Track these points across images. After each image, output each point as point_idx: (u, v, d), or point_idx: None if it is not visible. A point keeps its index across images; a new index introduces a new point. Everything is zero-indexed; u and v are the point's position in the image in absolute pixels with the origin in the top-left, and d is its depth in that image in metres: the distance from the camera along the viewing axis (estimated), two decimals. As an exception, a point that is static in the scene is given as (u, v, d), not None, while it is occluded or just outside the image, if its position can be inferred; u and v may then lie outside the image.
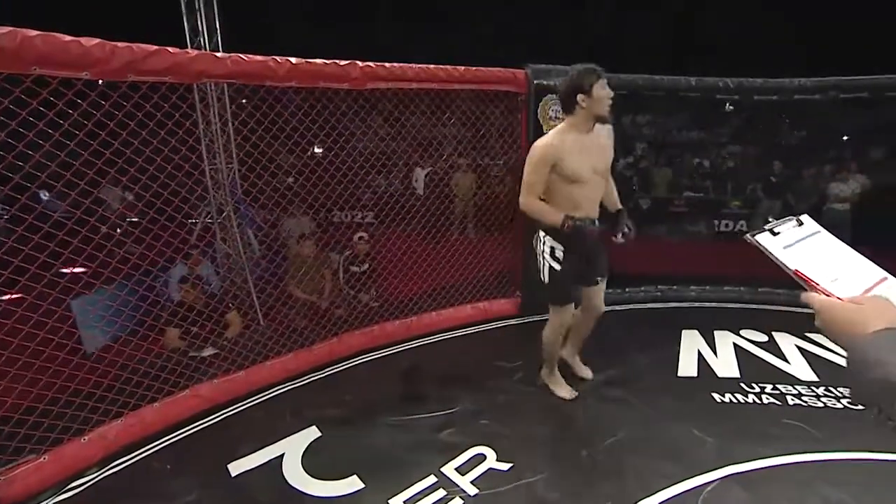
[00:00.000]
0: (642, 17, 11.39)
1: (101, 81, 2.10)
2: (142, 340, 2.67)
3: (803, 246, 0.83)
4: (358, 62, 2.67)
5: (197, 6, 4.30)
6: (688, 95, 3.77)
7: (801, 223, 0.86)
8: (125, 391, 2.38)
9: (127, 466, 2.22)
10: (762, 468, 2.12)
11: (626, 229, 2.47)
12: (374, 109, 3.49)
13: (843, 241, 0.83)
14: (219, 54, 2.24)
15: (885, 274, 0.78)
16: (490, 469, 2.15)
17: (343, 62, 2.61)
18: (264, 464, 2.21)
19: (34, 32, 1.72)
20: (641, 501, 1.93)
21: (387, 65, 2.77)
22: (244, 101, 4.27)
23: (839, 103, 3.82)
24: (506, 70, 3.25)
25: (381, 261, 4.31)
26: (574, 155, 2.27)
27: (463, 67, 3.07)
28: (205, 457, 2.26)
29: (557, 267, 2.42)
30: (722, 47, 10.29)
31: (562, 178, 2.30)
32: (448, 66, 3.04)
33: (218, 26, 4.38)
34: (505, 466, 2.16)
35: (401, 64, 2.83)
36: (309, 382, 2.90)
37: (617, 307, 4.00)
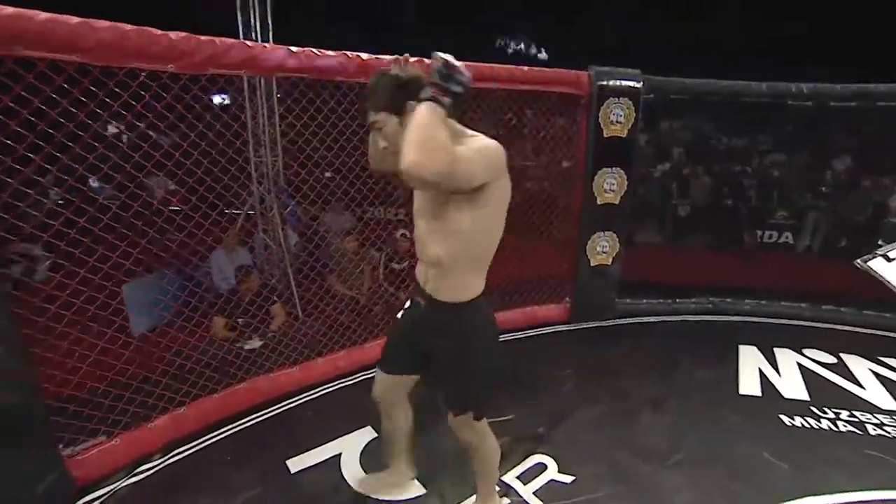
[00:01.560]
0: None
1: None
2: (190, 328, 2.68)
3: None
4: (425, 60, 2.62)
5: (251, 2, 4.36)
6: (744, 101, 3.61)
7: None
8: (187, 380, 2.40)
9: (189, 455, 2.24)
10: (849, 503, 2.00)
11: None
12: None
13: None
14: (294, 49, 2.22)
15: None
16: (552, 480, 2.10)
17: (412, 59, 2.57)
18: (322, 462, 2.21)
19: (129, 27, 1.74)
20: (716, 526, 1.85)
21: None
22: (279, 95, 4.32)
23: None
24: (569, 71, 3.17)
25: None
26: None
27: (526, 67, 3.01)
28: (263, 451, 2.27)
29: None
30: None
31: (493, 214, 1.44)
32: (510, 66, 2.97)
33: (270, 23, 4.43)
34: (567, 479, 2.10)
35: (464, 62, 2.77)
36: (361, 381, 2.88)
37: (667, 318, 3.89)
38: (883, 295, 3.42)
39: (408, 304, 1.67)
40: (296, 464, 2.18)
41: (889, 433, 2.46)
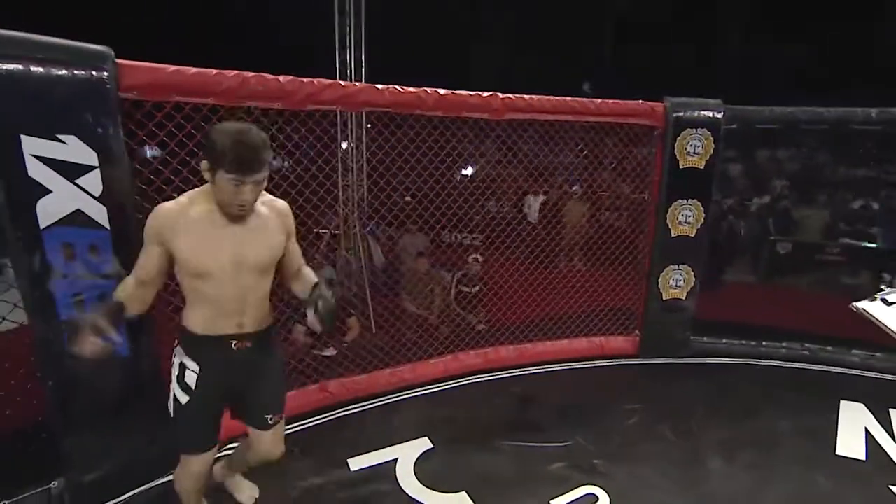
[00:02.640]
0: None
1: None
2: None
3: None
4: (499, 94, 2.81)
5: (348, 43, 4.91)
6: (859, 128, 3.32)
7: None
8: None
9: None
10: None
11: (318, 303, 1.54)
12: (488, 136, 3.54)
13: None
14: (379, 86, 2.52)
15: None
16: (602, 513, 2.06)
17: (485, 94, 2.77)
18: (380, 464, 2.35)
19: (251, 74, 2.12)
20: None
21: (525, 97, 2.88)
22: (369, 125, 4.75)
23: None
24: (644, 103, 3.17)
25: (492, 284, 4.37)
26: (200, 237, 1.45)
27: (600, 100, 3.07)
28: (328, 448, 2.47)
29: (184, 398, 1.57)
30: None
31: (184, 268, 1.48)
32: (584, 99, 3.05)
33: (364, 61, 4.95)
34: (618, 514, 2.05)
35: (539, 96, 2.91)
36: (423, 395, 3.03)
37: (750, 360, 3.60)
38: None
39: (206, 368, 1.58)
40: (356, 462, 2.35)
41: None
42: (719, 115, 3.19)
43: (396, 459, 2.38)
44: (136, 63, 1.89)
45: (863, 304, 0.72)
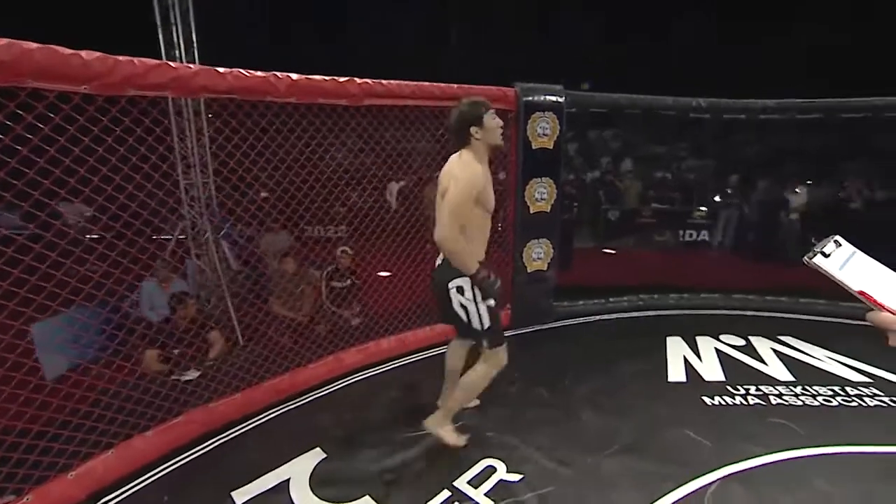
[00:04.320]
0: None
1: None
2: (114, 365, 2.46)
3: (852, 266, 0.86)
4: (356, 79, 2.68)
5: (172, 19, 4.22)
6: (660, 112, 3.98)
7: (839, 244, 0.88)
8: (116, 420, 2.24)
9: (120, 501, 2.09)
10: (758, 466, 2.24)
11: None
12: (347, 125, 3.36)
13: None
14: (221, 69, 2.19)
15: None
16: (501, 481, 2.17)
17: (342, 79, 2.62)
18: (270, 489, 2.14)
19: (33, 45, 1.65)
20: (652, 505, 2.00)
21: (384, 82, 2.80)
22: (210, 115, 4.18)
23: (795, 123, 4.14)
24: (497, 88, 3.34)
25: (363, 276, 4.26)
26: (487, 185, 2.13)
27: (456, 85, 3.13)
28: (206, 486, 2.16)
29: (493, 304, 2.14)
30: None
31: (481, 211, 2.11)
32: (442, 84, 3.09)
33: (195, 40, 4.30)
34: (516, 478, 2.18)
35: (398, 81, 2.86)
36: (306, 403, 2.83)
37: (603, 317, 4.14)
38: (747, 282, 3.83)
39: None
40: (242, 495, 2.10)
41: (787, 402, 2.79)
42: (562, 100, 3.52)
43: (289, 479, 2.19)
44: None
45: (811, 258, 0.82)
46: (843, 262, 0.86)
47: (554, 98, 3.50)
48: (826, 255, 0.86)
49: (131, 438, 2.27)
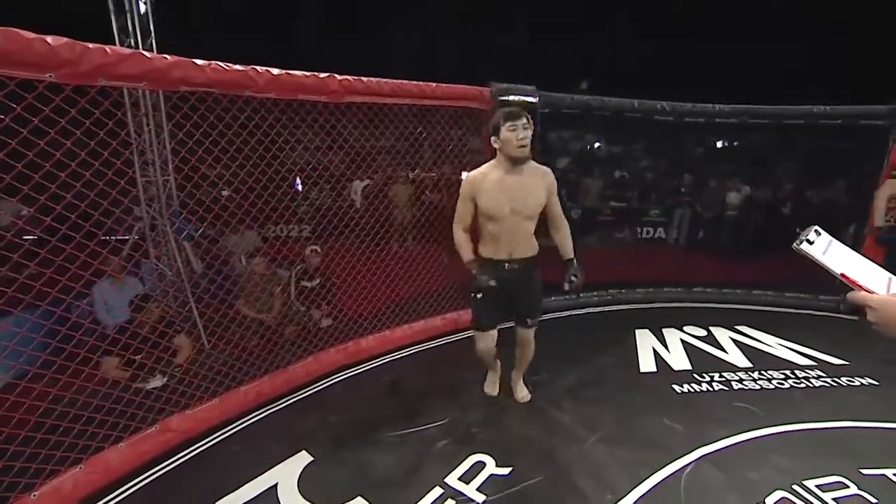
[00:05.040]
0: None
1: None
2: (63, 374, 2.24)
3: (832, 252, 0.97)
4: (336, 76, 2.63)
5: (127, 6, 3.98)
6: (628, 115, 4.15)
7: (819, 233, 0.99)
8: (85, 433, 2.11)
9: (93, 520, 1.97)
10: (726, 447, 2.39)
11: (572, 278, 2.39)
12: (306, 121, 3.23)
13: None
14: (198, 62, 2.09)
15: (887, 272, 0.95)
16: (492, 475, 2.21)
17: (322, 75, 2.57)
18: (257, 496, 2.08)
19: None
20: (635, 489, 2.10)
21: (364, 79, 2.77)
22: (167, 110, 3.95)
23: (746, 127, 4.42)
24: (473, 87, 3.37)
25: (333, 275, 4.16)
26: (491, 192, 2.27)
27: (434, 84, 3.14)
28: (189, 496, 2.07)
29: (479, 295, 2.43)
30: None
31: (482, 214, 2.33)
32: (420, 83, 3.09)
33: (152, 28, 4.08)
34: (505, 471, 2.23)
35: (377, 79, 2.83)
36: (288, 405, 2.77)
37: (575, 311, 4.28)
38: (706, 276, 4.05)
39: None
40: (228, 503, 2.03)
41: (747, 386, 3.00)
42: (535, 100, 3.60)
43: (276, 484, 2.14)
44: None
45: (799, 245, 0.89)
46: (824, 248, 0.96)
47: (528, 98, 3.58)
48: (811, 243, 0.96)
49: (102, 451, 2.13)
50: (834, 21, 10.25)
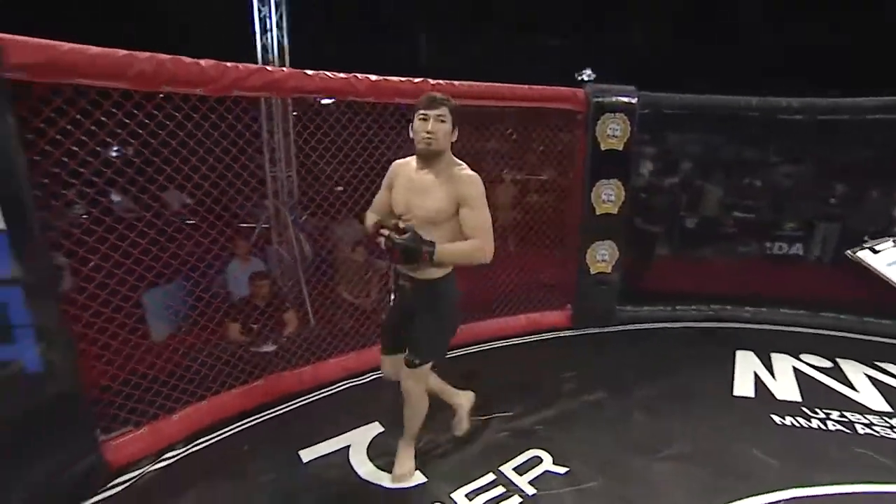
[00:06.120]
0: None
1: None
2: (209, 331, 2.81)
3: None
4: (430, 80, 2.84)
5: (269, 27, 4.69)
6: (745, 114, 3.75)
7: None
8: (208, 377, 2.60)
9: (210, 444, 2.43)
10: (830, 494, 2.08)
11: (394, 238, 1.75)
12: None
13: None
14: (309, 72, 2.46)
15: None
16: (547, 471, 2.22)
17: (417, 79, 2.80)
18: (332, 453, 2.37)
19: (166, 56, 1.98)
20: (702, 514, 1.96)
21: (456, 83, 2.94)
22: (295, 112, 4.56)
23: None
24: (567, 89, 3.36)
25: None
26: (399, 187, 1.93)
27: (527, 86, 3.20)
28: (278, 442, 2.43)
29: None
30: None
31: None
32: (513, 84, 3.17)
33: (287, 45, 4.75)
34: (561, 470, 2.23)
35: (469, 82, 2.98)
36: (369, 381, 3.05)
37: (668, 324, 4.00)
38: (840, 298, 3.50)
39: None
40: (308, 454, 2.35)
41: (877, 432, 2.54)
42: (634, 101, 3.46)
43: (349, 446, 2.40)
44: (23, 38, 1.69)
45: (855, 252, 0.86)
46: (892, 260, 0.87)
47: (626, 99, 3.45)
48: (875, 252, 0.88)
49: (220, 394, 2.61)
50: None
